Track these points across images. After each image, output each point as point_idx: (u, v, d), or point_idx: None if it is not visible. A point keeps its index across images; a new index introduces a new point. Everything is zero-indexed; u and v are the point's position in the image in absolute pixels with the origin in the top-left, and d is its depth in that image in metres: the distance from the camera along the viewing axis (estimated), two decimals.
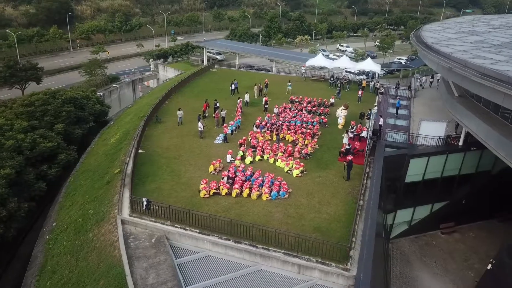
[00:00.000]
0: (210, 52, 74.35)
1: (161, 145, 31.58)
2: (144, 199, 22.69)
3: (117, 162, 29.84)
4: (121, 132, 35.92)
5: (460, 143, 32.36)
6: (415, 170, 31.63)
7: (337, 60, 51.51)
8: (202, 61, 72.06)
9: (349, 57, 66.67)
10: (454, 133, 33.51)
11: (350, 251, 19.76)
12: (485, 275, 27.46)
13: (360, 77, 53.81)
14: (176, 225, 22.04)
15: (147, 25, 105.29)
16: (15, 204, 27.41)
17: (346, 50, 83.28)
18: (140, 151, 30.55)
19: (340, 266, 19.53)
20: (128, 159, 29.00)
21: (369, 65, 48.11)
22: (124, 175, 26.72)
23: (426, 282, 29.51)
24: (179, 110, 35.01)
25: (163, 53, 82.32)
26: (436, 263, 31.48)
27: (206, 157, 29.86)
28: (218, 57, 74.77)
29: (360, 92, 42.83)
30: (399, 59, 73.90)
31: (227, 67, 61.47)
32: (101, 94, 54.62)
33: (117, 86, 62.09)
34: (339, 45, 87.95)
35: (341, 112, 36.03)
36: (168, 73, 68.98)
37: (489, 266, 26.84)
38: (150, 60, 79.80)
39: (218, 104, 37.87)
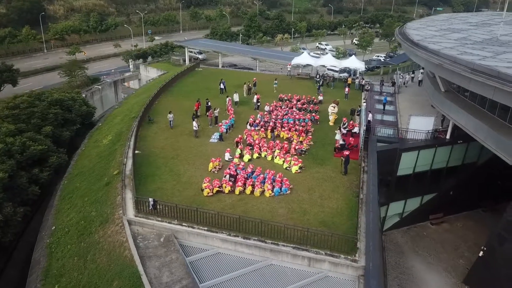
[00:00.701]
0: (191, 52, 74.14)
1: (156, 145, 31.50)
2: (150, 199, 22.72)
3: (114, 163, 29.61)
4: (113, 133, 35.56)
5: (448, 137, 33.63)
6: (406, 164, 32.68)
7: (322, 58, 52.36)
8: (184, 60, 71.83)
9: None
10: (440, 127, 34.80)
11: (357, 243, 20.37)
12: (477, 261, 28.72)
13: (342, 75, 54.94)
14: (183, 224, 22.17)
15: (125, 25, 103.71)
16: (10, 208, 26.89)
17: (325, 48, 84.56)
18: (136, 151, 30.37)
19: (349, 257, 20.16)
20: (125, 160, 28.89)
21: (353, 62, 49.16)
22: (124, 176, 26.64)
23: (421, 271, 30.59)
24: (169, 113, 34.70)
25: (143, 53, 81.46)
26: (428, 253, 32.65)
27: (203, 156, 29.99)
28: (200, 56, 74.65)
29: (346, 89, 43.75)
30: (378, 56, 75.63)
31: (211, 67, 61.42)
32: (84, 95, 53.57)
33: (99, 87, 61.09)
34: (318, 43, 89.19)
35: (330, 109, 36.75)
36: (150, 73, 68.39)
37: (481, 253, 28.09)
38: (129, 60, 78.90)
39: (209, 103, 38.02)
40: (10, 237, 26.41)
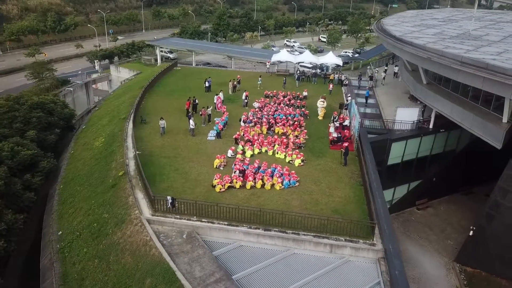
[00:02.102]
0: (161, 51, 73.20)
1: (155, 145, 31.37)
2: (169, 197, 22.87)
3: (115, 165, 29.29)
4: (104, 135, 34.93)
5: (431, 126, 35.81)
6: (396, 153, 34.58)
7: (301, 55, 53.62)
8: (156, 60, 70.82)
9: (300, 52, 69.51)
10: (421, 118, 36.93)
11: (375, 228, 21.58)
12: (467, 240, 30.95)
13: (314, 71, 56.27)
14: (203, 220, 22.49)
15: (88, 25, 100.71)
16: (11, 216, 26.07)
17: (293, 45, 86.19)
18: (137, 152, 30.12)
19: (367, 242, 21.34)
20: (127, 160, 28.71)
21: (331, 58, 50.75)
22: (131, 177, 26.53)
23: (415, 253, 32.51)
24: (161, 119, 33.25)
25: (109, 54, 79.63)
26: (419, 236, 34.70)
27: (205, 154, 30.28)
28: (171, 55, 73.91)
29: (330, 86, 45.16)
30: (346, 52, 78.07)
31: (189, 65, 61.14)
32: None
33: (71, 89, 59.20)
34: (286, 40, 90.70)
35: (319, 104, 37.99)
36: (121, 74, 66.92)
37: (471, 233, 30.31)
38: (95, 61, 76.88)
39: (197, 101, 38.24)
40: (13, 246, 25.58)
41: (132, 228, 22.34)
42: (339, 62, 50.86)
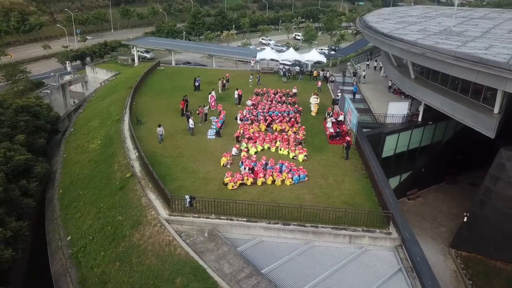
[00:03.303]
0: (138, 51, 71.92)
1: (156, 146, 31.04)
2: (187, 196, 22.90)
3: (119, 167, 28.88)
4: (100, 137, 34.22)
5: (419, 119, 37.34)
6: (390, 146, 35.85)
7: (285, 52, 54.24)
8: (133, 60, 69.51)
9: (276, 50, 70.15)
10: (409, 111, 38.42)
11: (391, 217, 22.46)
12: (462, 227, 32.59)
13: (294, 68, 57.00)
14: (221, 217, 22.65)
15: (57, 25, 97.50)
16: (16, 223, 25.25)
17: (269, 43, 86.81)
18: (137, 153, 29.81)
19: (384, 231, 22.21)
20: (131, 162, 28.39)
21: (315, 56, 51.72)
22: (139, 178, 26.31)
23: None
24: (159, 127, 31.60)
25: (81, 54, 77.58)
26: (412, 225, 35.86)
27: (208, 153, 30.34)
28: (147, 55, 72.85)
29: (319, 83, 45.98)
30: (322, 49, 79.46)
31: (170, 65, 60.49)
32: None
33: (48, 91, 57.19)
34: (262, 38, 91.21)
35: (312, 100, 38.74)
36: (98, 75, 65.22)
37: (465, 219, 31.95)
38: (66, 62, 74.67)
39: (188, 100, 38.21)
40: (20, 253, 24.76)
41: (151, 229, 22.19)
42: (323, 59, 51.88)
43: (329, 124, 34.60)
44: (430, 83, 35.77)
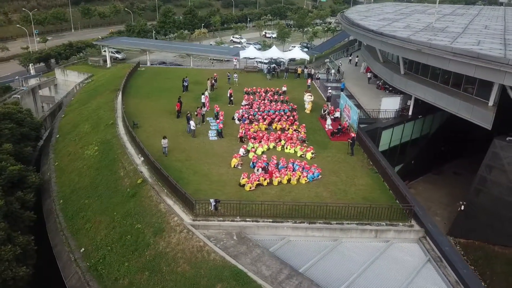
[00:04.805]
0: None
1: (159, 149, 30.06)
2: (212, 200, 22.49)
3: (125, 173, 27.86)
4: (96, 143, 32.78)
5: (410, 113, 38.61)
6: (385, 140, 36.86)
7: (268, 51, 54.21)
8: (105, 61, 67.07)
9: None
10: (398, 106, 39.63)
11: (412, 210, 23.10)
12: (459, 215, 34.03)
13: (271, 66, 57.28)
14: (247, 219, 22.45)
15: (17, 25, 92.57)
16: (24, 238, 23.85)
17: (240, 41, 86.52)
18: (142, 158, 28.93)
19: (406, 224, 22.85)
20: (139, 167, 27.55)
21: (298, 54, 52.14)
22: (152, 184, 25.57)
23: None
24: (164, 138, 29.46)
25: (45, 56, 74.05)
26: None
27: (215, 154, 29.97)
28: (119, 56, 70.65)
29: (309, 80, 46.33)
30: (293, 46, 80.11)
31: (149, 65, 58.96)
32: None
33: (18, 96, 54.20)
34: (233, 36, 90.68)
35: (307, 98, 39.09)
36: (69, 77, 62.43)
37: (462, 207, 33.39)
38: (30, 64, 71.16)
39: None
40: (31, 270, 23.35)
41: (177, 236, 21.60)
42: (307, 57, 52.43)
43: (328, 121, 35.01)
44: (420, 78, 37.03)
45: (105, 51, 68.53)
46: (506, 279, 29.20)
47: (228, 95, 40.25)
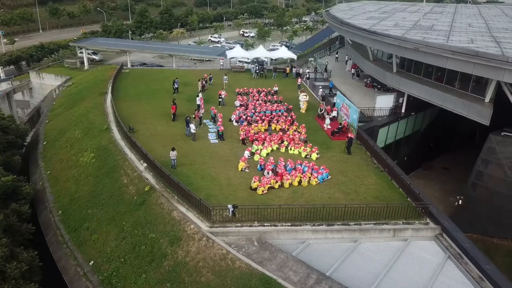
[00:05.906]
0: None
1: (162, 155, 29.08)
2: (229, 206, 21.94)
3: (128, 180, 26.82)
4: (92, 149, 31.44)
5: (403, 111, 39.18)
6: (381, 138, 37.24)
7: (255, 50, 53.74)
8: (82, 63, 64.72)
9: (229, 47, 69.42)
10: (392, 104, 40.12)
11: (427, 208, 23.31)
12: (456, 209, 34.78)
13: (253, 65, 56.93)
14: (265, 224, 22.05)
15: None
16: (27, 253, 22.56)
17: (219, 40, 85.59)
18: (144, 164, 27.96)
19: (422, 221, 23.05)
20: (143, 174, 26.62)
21: (285, 53, 52.00)
22: (161, 191, 24.73)
23: None
24: (172, 150, 27.50)
25: (16, 58, 71.03)
26: None
27: (220, 158, 29.38)
28: (96, 57, 68.57)
29: (299, 80, 46.21)
30: (274, 45, 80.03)
31: (132, 67, 57.37)
32: None
33: None
34: (211, 36, 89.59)
35: (302, 98, 38.97)
36: (46, 80, 59.87)
37: (460, 202, 34.15)
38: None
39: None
40: None
41: (196, 244, 20.93)
42: (294, 56, 52.37)
43: (327, 121, 34.99)
44: (413, 76, 37.60)
45: (81, 52, 66.23)
46: (507, 270, 30.03)
47: (218, 96, 39.60)
